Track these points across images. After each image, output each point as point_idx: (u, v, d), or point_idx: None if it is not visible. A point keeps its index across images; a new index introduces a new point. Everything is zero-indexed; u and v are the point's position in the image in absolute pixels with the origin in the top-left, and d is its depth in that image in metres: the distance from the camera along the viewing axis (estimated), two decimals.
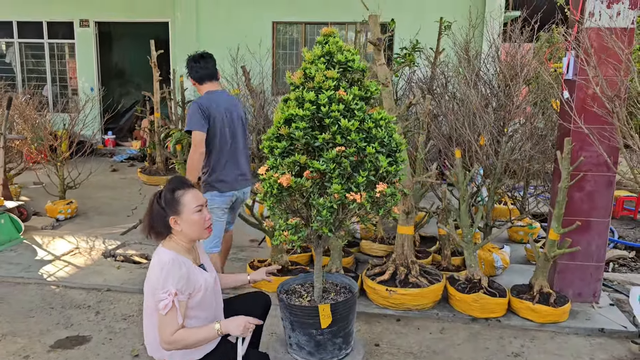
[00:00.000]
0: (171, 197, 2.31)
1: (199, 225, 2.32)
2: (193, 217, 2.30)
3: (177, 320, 2.20)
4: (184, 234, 2.32)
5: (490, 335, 3.65)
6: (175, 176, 2.45)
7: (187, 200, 2.31)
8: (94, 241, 5.30)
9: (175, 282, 2.19)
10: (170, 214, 2.30)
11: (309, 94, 2.21)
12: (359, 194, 2.19)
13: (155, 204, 2.34)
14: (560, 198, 3.71)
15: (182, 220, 2.30)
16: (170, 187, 2.34)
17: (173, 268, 2.21)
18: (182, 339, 2.20)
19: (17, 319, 3.70)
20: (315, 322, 2.37)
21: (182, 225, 2.30)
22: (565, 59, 3.91)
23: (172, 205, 2.30)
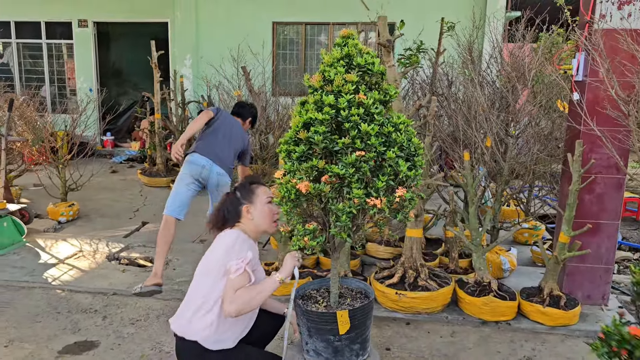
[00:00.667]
0: (248, 188, 2.56)
1: (268, 216, 2.50)
2: (264, 208, 2.50)
3: (245, 285, 2.29)
4: (254, 223, 2.49)
5: (501, 338, 3.63)
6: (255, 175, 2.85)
7: (260, 191, 2.54)
8: (97, 244, 5.25)
9: (250, 251, 2.36)
10: (245, 202, 2.51)
11: (328, 98, 2.18)
12: (379, 199, 2.16)
13: (231, 196, 2.58)
14: (571, 201, 3.69)
15: (254, 209, 2.49)
16: (248, 180, 2.63)
17: (243, 241, 2.39)
18: (243, 296, 2.26)
19: (23, 324, 3.65)
20: (333, 329, 2.34)
21: (254, 214, 2.49)
22: (575, 60, 3.90)
23: (247, 194, 2.53)
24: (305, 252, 2.31)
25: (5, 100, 6.75)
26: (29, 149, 6.35)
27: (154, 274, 4.00)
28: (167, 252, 4.13)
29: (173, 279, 4.40)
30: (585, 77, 3.80)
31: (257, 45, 9.27)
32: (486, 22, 7.76)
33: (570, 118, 4.09)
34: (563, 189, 4.20)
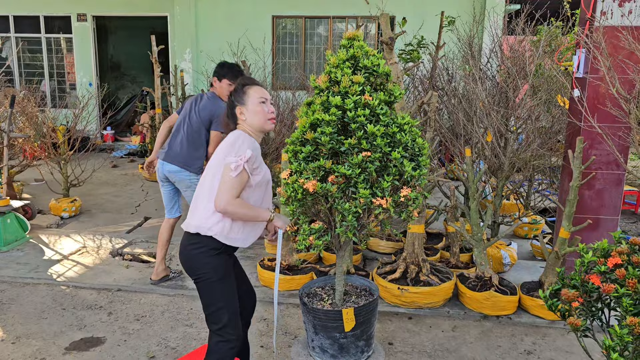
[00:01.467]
0: (240, 90, 2.55)
1: (261, 115, 2.48)
2: (256, 108, 2.47)
3: (241, 186, 2.33)
4: (248, 123, 2.49)
5: (501, 333, 3.68)
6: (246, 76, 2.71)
7: (252, 92, 2.52)
8: (101, 240, 5.28)
9: (251, 149, 2.36)
10: (238, 104, 2.52)
11: (335, 99, 2.20)
12: (384, 198, 2.20)
13: (229, 100, 2.59)
14: (571, 197, 3.73)
15: (246, 110, 2.49)
16: (241, 82, 2.59)
17: (245, 139, 2.40)
18: (240, 207, 2.32)
19: (30, 321, 3.69)
20: (339, 326, 2.38)
21: (247, 115, 2.48)
22: (576, 57, 3.92)
23: (239, 96, 2.53)
24: (310, 250, 2.34)
25: (6, 95, 6.75)
26: (30, 144, 6.36)
27: (155, 271, 4.28)
28: (164, 250, 4.29)
29: (177, 274, 4.44)
30: (586, 74, 3.83)
31: (256, 39, 9.26)
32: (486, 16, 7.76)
33: (570, 114, 4.12)
34: (563, 185, 4.24)
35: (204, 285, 2.39)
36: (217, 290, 2.37)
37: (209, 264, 2.37)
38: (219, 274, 2.37)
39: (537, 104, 4.69)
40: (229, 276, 2.43)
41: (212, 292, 2.37)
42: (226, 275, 2.40)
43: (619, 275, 2.18)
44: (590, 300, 2.32)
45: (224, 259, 2.41)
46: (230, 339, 2.37)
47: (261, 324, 3.67)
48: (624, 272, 2.16)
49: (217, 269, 2.37)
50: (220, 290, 2.37)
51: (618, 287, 2.13)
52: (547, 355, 3.41)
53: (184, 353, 3.32)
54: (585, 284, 2.28)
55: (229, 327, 2.36)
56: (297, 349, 2.61)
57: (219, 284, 2.36)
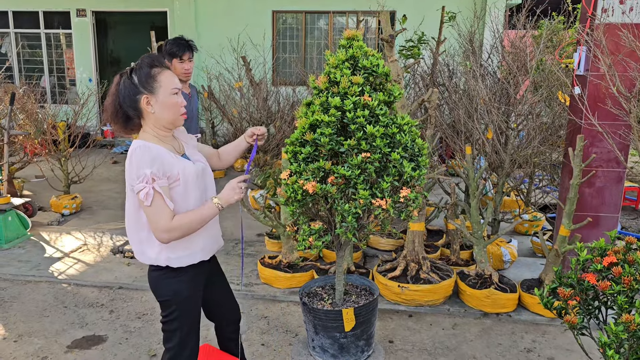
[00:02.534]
0: (147, 73, 2.05)
1: (174, 109, 2.09)
2: (169, 100, 2.07)
3: (166, 206, 2.00)
4: (156, 118, 2.08)
5: (501, 330, 3.69)
6: (150, 54, 2.15)
7: (165, 79, 2.07)
8: (101, 237, 5.29)
9: (148, 165, 1.97)
10: (144, 91, 2.04)
11: (334, 100, 2.20)
12: (384, 199, 2.20)
13: (125, 81, 2.06)
14: (571, 195, 3.73)
15: (156, 101, 2.06)
16: (147, 62, 2.08)
17: (141, 153, 1.99)
18: (182, 223, 2.02)
19: (31, 319, 3.71)
20: (339, 326, 2.39)
21: (155, 107, 2.06)
22: (577, 55, 3.91)
23: (147, 82, 2.05)
24: (311, 251, 2.34)
25: (6, 91, 6.75)
26: (31, 141, 6.36)
27: None
28: None
29: None
30: (587, 72, 3.82)
31: (257, 34, 9.23)
32: (487, 11, 7.75)
33: (571, 112, 4.11)
34: (564, 183, 4.23)
35: (162, 306, 2.22)
36: (174, 312, 2.18)
37: (171, 285, 2.16)
38: (179, 297, 2.16)
39: (539, 100, 4.69)
40: (193, 298, 2.22)
41: (168, 314, 2.20)
42: (187, 299, 2.19)
43: (615, 273, 2.19)
44: (587, 299, 2.33)
45: (188, 280, 2.18)
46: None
47: (262, 322, 3.68)
48: (620, 270, 2.17)
49: (178, 291, 2.16)
50: (178, 313, 2.18)
51: (613, 285, 2.14)
52: (547, 353, 3.42)
53: None
54: (582, 282, 2.29)
55: (179, 347, 2.22)
56: (297, 348, 2.62)
57: (178, 307, 2.17)
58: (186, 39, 3.89)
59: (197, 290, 2.24)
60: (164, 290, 2.17)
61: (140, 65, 2.08)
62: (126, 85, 2.06)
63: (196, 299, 2.24)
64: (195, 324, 2.26)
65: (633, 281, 2.10)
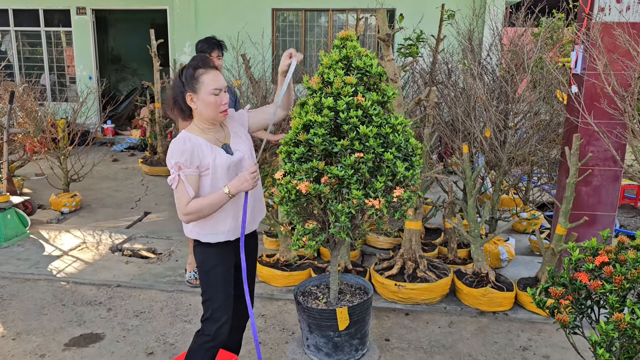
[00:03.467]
0: (191, 74, 2.32)
1: (213, 107, 2.32)
2: (208, 98, 2.31)
3: (187, 192, 2.27)
4: (199, 113, 2.35)
5: (498, 329, 3.70)
6: (200, 54, 2.43)
7: (206, 80, 2.31)
8: (101, 235, 5.31)
9: (178, 156, 2.26)
10: (188, 90, 2.32)
11: (327, 100, 2.21)
12: (377, 199, 2.21)
13: (178, 79, 2.38)
14: (568, 194, 3.73)
15: (198, 99, 2.32)
16: (193, 64, 2.35)
17: (176, 143, 2.30)
18: (195, 209, 2.27)
19: (30, 317, 3.73)
20: (333, 325, 2.40)
21: (198, 104, 2.33)
22: (574, 54, 3.91)
23: (190, 81, 2.32)
24: (304, 251, 2.36)
25: (6, 89, 6.76)
26: (30, 139, 6.38)
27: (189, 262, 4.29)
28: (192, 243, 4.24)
29: (176, 270, 4.47)
30: (584, 71, 3.82)
31: (256, 32, 9.22)
32: (486, 9, 7.73)
33: (568, 111, 4.12)
34: (560, 181, 4.24)
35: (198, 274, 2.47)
36: (204, 281, 2.42)
37: (201, 254, 2.43)
38: (207, 266, 2.41)
39: (537, 98, 4.69)
40: (218, 269, 2.42)
41: (202, 282, 2.43)
42: (213, 268, 2.41)
43: (606, 273, 2.20)
44: (579, 298, 2.34)
45: (214, 253, 2.41)
46: (209, 334, 2.41)
47: (259, 320, 3.70)
48: (612, 269, 2.19)
49: (206, 260, 2.41)
50: (206, 281, 2.41)
51: (605, 284, 2.15)
52: (543, 351, 3.43)
53: (183, 349, 3.35)
54: (574, 281, 2.30)
55: (210, 321, 2.40)
56: (292, 347, 2.64)
57: (205, 275, 2.41)
58: (217, 39, 4.19)
59: (222, 266, 2.42)
60: (197, 258, 2.46)
61: (188, 65, 2.37)
62: (177, 82, 2.37)
63: (221, 272, 2.42)
64: (226, 300, 2.42)
65: (624, 280, 2.12)
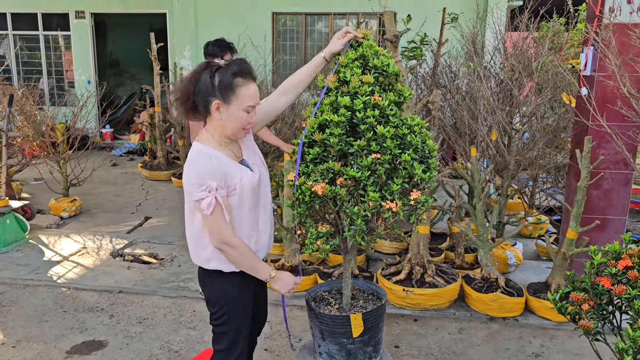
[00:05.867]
0: (229, 82, 1.99)
1: (239, 123, 2.04)
2: (239, 114, 2.02)
3: (224, 217, 2.02)
4: (219, 125, 2.04)
5: (509, 335, 3.63)
6: (242, 59, 2.07)
7: (244, 93, 2.00)
8: (101, 240, 5.22)
9: (210, 175, 1.97)
10: (218, 96, 2.00)
11: (344, 99, 2.15)
12: (394, 202, 2.14)
13: (207, 77, 2.00)
14: (579, 197, 3.67)
15: (226, 111, 2.01)
16: (233, 70, 2.00)
17: (203, 161, 2.00)
18: (236, 250, 2.04)
19: (30, 324, 3.64)
20: (347, 332, 2.33)
21: (223, 116, 2.02)
22: (584, 55, 3.86)
23: (225, 89, 1.99)
24: (318, 255, 2.28)
25: (4, 93, 6.68)
26: (29, 143, 6.30)
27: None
28: None
29: (179, 276, 4.39)
30: (594, 72, 3.77)
31: (256, 36, 9.17)
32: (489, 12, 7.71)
33: (577, 113, 4.07)
34: (570, 185, 4.18)
35: (211, 305, 2.22)
36: (224, 312, 2.19)
37: (221, 284, 2.17)
38: (228, 297, 2.17)
39: (543, 102, 4.64)
40: (242, 299, 2.22)
41: (216, 314, 2.21)
42: (238, 298, 2.19)
43: (630, 277, 2.13)
44: (601, 303, 2.28)
45: (237, 282, 2.17)
46: None
47: (265, 326, 3.61)
48: (636, 274, 2.12)
49: (228, 290, 2.17)
50: (228, 312, 2.18)
51: (629, 289, 2.09)
52: (556, 357, 3.37)
53: (188, 357, 3.27)
54: (596, 286, 2.24)
55: (227, 352, 2.22)
56: (303, 354, 2.56)
57: (226, 306, 2.18)
58: (227, 41, 4.03)
59: (245, 295, 2.23)
60: (213, 289, 2.20)
61: (226, 68, 2.01)
62: (206, 81, 2.01)
63: (244, 302, 2.24)
64: (244, 330, 2.26)
65: None
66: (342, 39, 2.31)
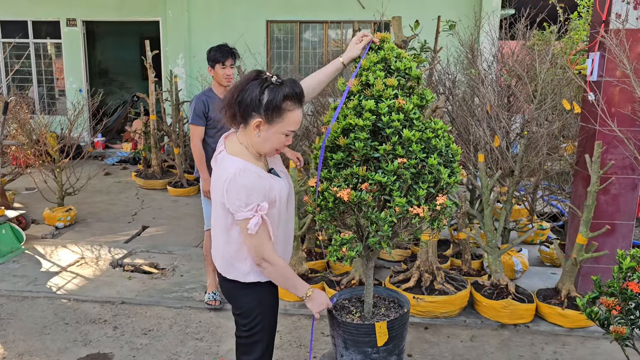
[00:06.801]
0: (278, 103, 1.92)
1: (276, 145, 2.01)
2: (278, 137, 1.98)
3: (269, 235, 2.00)
4: (255, 142, 1.99)
5: (521, 342, 3.60)
6: (295, 81, 2.01)
7: (291, 118, 1.96)
8: (99, 250, 5.10)
9: (256, 195, 1.93)
10: (262, 115, 1.93)
11: (369, 103, 2.10)
12: (421, 207, 2.10)
13: (256, 90, 1.93)
14: (589, 202, 3.66)
15: (267, 131, 1.96)
16: (285, 92, 1.93)
17: (249, 178, 1.93)
18: (280, 270, 2.05)
19: (31, 337, 3.52)
20: (372, 340, 2.28)
21: (263, 135, 1.96)
22: (590, 60, 3.87)
23: (272, 110, 1.93)
24: (343, 262, 2.23)
25: None
26: (23, 152, 6.17)
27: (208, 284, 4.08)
28: (210, 264, 4.04)
29: (182, 286, 4.30)
30: (601, 77, 3.78)
31: (251, 44, 9.13)
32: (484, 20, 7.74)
33: (583, 119, 4.07)
34: (577, 190, 4.18)
35: (244, 315, 2.18)
36: (257, 321, 2.16)
37: (256, 293, 2.15)
38: (264, 306, 2.17)
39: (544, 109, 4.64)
40: (275, 307, 2.23)
41: (251, 323, 2.16)
42: (272, 307, 2.21)
43: None
44: (630, 308, 2.25)
45: (270, 291, 2.17)
46: None
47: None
48: None
49: (264, 300, 2.16)
50: (262, 321, 2.17)
51: None
52: None
53: None
54: (624, 291, 2.21)
55: (263, 358, 2.22)
56: None
57: (260, 316, 2.16)
58: (229, 46, 3.96)
59: (277, 301, 2.26)
60: (250, 300, 2.15)
61: (278, 88, 1.94)
62: (253, 95, 1.93)
63: (276, 309, 2.25)
64: (274, 337, 2.26)
65: None
66: (360, 44, 2.29)
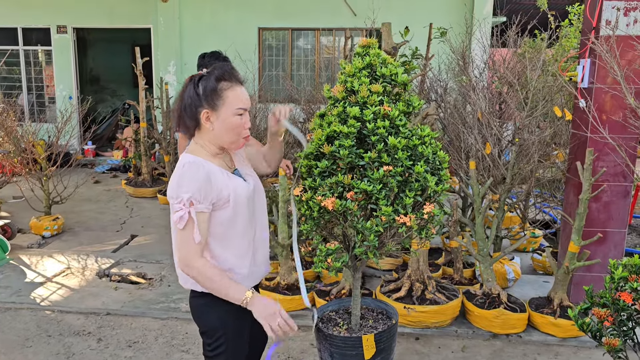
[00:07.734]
0: (213, 87, 1.86)
1: (235, 131, 1.90)
2: (231, 120, 1.88)
3: (194, 237, 1.83)
4: (213, 135, 1.91)
5: (513, 352, 3.54)
6: (225, 64, 1.95)
7: (231, 96, 1.87)
8: (86, 260, 5.01)
9: (191, 189, 1.81)
10: (205, 105, 1.87)
11: (353, 110, 2.05)
12: (408, 216, 2.04)
13: (191, 88, 1.89)
14: (581, 210, 3.62)
15: (216, 118, 1.88)
16: (216, 75, 1.87)
17: (188, 171, 1.85)
18: (205, 274, 1.84)
19: (13, 350, 3.43)
20: (359, 354, 2.21)
21: (215, 125, 1.89)
22: (580, 67, 3.85)
23: (210, 96, 1.86)
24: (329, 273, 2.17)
25: None
26: (10, 160, 6.08)
27: None
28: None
29: (169, 296, 4.22)
30: (591, 84, 3.75)
31: (242, 51, 9.09)
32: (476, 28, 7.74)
33: (574, 126, 4.04)
34: (568, 198, 4.14)
35: (206, 335, 2.05)
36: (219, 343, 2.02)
37: (216, 312, 1.99)
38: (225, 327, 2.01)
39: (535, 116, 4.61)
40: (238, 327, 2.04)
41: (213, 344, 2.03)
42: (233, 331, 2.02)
43: None
44: (622, 319, 2.20)
45: (232, 310, 1.95)
46: None
47: None
48: None
49: (226, 319, 2.00)
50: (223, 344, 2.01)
51: None
52: None
53: None
54: (617, 301, 2.16)
55: None
56: None
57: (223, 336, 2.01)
58: (224, 54, 3.89)
59: (243, 320, 2.02)
60: (209, 318, 2.00)
61: (208, 75, 1.89)
62: (190, 93, 1.89)
63: (242, 329, 2.05)
64: (241, 358, 2.08)
65: None
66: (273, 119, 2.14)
